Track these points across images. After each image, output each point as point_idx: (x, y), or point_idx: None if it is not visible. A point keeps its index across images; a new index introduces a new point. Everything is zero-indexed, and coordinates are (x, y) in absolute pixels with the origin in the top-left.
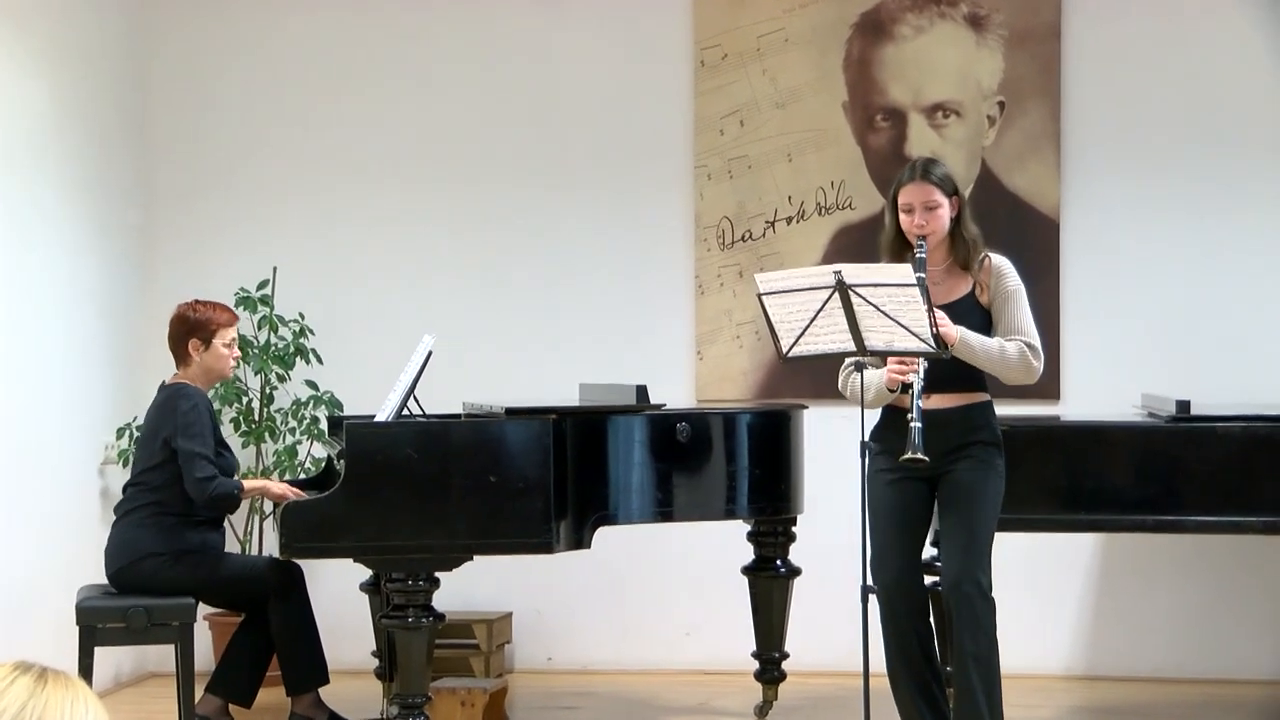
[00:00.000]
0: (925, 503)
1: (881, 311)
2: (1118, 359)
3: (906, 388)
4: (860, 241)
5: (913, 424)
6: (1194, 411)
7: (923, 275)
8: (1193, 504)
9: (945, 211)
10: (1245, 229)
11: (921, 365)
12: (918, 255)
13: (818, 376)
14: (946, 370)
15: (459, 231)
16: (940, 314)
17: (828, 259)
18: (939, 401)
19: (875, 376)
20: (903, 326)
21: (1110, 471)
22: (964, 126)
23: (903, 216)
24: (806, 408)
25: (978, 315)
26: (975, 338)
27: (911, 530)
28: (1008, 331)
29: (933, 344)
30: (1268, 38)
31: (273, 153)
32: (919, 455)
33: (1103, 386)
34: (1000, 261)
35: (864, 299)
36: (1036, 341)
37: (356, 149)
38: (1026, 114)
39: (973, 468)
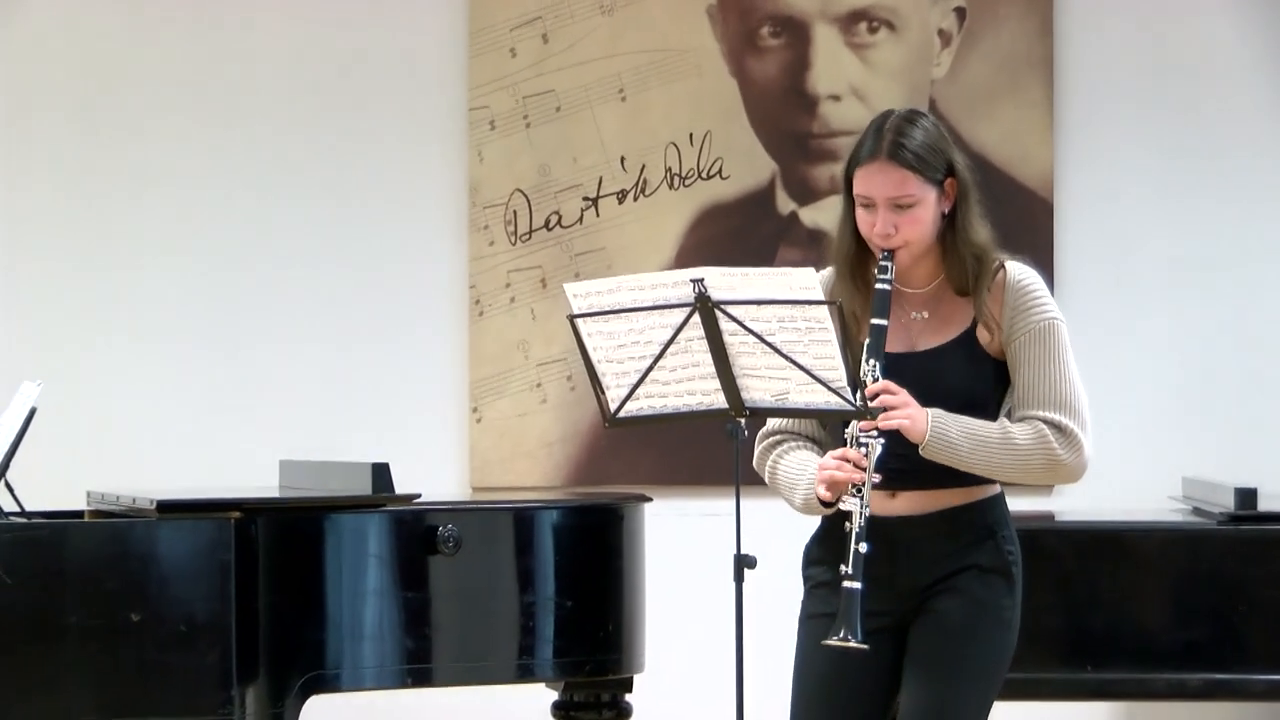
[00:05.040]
0: (885, 668)
1: (768, 345)
2: (1144, 421)
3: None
4: (737, 230)
5: (845, 584)
6: (1263, 507)
7: (884, 321)
8: (1261, 654)
9: (928, 210)
10: None
11: (870, 475)
12: (878, 283)
13: (668, 450)
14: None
15: (81, 221)
16: (888, 387)
17: (684, 259)
18: (908, 503)
19: (811, 465)
20: (801, 369)
21: (1133, 603)
22: (901, 47)
23: (859, 213)
24: (649, 500)
25: (966, 370)
26: (957, 426)
27: (854, 713)
28: (1029, 401)
29: (852, 399)
30: None
31: None
32: (850, 643)
33: (1121, 465)
34: (1020, 276)
35: (740, 324)
36: (1070, 417)
37: None
38: (1000, 29)
39: (961, 609)
